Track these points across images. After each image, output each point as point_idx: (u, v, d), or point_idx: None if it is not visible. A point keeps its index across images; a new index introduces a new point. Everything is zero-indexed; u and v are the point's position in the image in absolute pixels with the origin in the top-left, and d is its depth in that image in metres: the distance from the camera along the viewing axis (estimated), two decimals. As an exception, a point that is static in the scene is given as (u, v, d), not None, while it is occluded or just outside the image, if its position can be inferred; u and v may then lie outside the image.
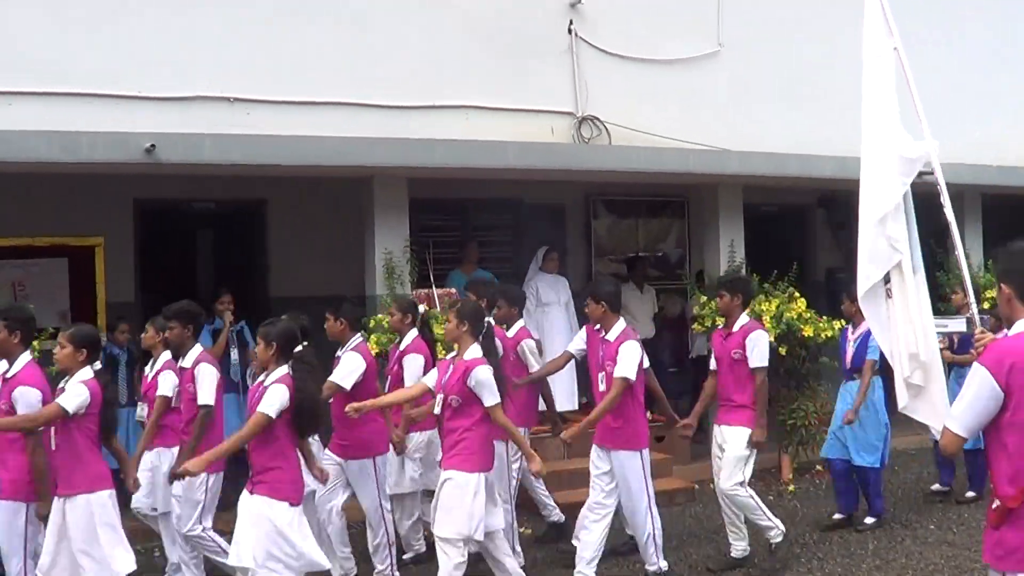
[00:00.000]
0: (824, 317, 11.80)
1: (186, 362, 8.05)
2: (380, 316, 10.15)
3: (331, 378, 8.05)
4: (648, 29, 12.40)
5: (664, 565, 8.21)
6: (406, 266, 10.70)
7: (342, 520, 8.38)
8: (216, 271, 13.89)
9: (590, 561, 8.01)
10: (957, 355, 9.88)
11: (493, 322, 8.45)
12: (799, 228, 15.72)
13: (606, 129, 11.84)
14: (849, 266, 15.56)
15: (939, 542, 9.20)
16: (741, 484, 8.47)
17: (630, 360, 7.98)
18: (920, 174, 7.15)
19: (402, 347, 8.80)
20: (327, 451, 8.37)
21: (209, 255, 14.43)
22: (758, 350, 8.52)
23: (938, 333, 6.86)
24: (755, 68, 12.84)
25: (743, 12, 12.79)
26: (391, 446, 8.48)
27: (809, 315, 11.72)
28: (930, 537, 9.40)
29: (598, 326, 8.32)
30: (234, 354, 10.94)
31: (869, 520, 9.72)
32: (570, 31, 11.91)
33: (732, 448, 8.50)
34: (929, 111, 6.49)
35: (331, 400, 8.07)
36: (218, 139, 9.57)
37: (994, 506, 4.57)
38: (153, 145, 9.20)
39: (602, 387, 8.15)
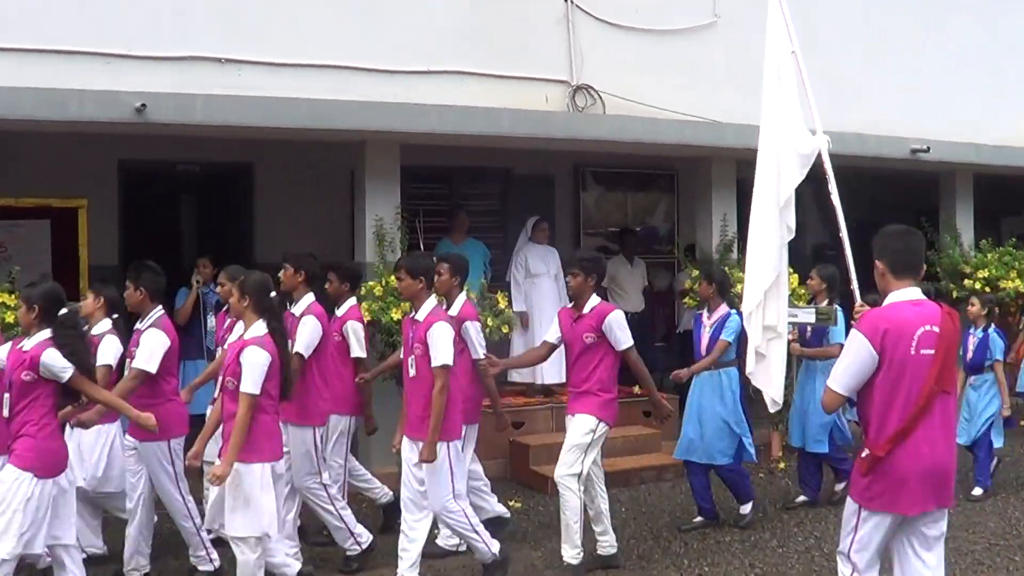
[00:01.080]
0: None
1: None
2: (371, 283, 9.98)
3: (135, 363, 7.38)
4: (644, -1, 12.25)
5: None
6: (397, 233, 10.51)
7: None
8: (200, 235, 13.66)
9: (413, 564, 7.37)
10: (807, 348, 9.56)
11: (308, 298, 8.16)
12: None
13: (600, 98, 11.67)
14: (834, 243, 15.66)
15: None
16: (576, 477, 7.73)
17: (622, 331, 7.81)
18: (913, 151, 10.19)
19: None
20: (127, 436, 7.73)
21: (193, 219, 14.19)
22: (621, 332, 7.82)
23: (789, 323, 7.92)
24: (751, 40, 12.66)
25: (739, -18, 12.63)
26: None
27: (803, 291, 11.63)
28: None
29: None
30: (210, 321, 10.75)
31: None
32: (566, -1, 11.75)
33: (572, 435, 7.84)
34: (923, 92, 6.54)
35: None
36: (210, 100, 9.34)
37: (863, 455, 5.29)
38: (144, 104, 8.98)
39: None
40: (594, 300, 7.93)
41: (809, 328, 9.42)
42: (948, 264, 13.28)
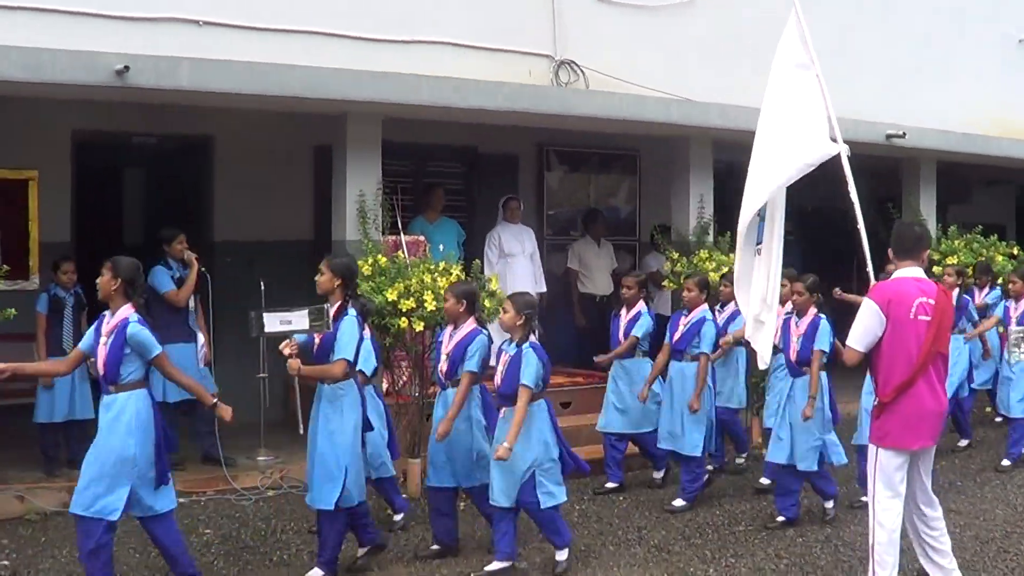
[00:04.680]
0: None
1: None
2: (359, 261, 9.45)
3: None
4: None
5: None
6: (378, 210, 10.01)
7: None
8: (155, 211, 12.91)
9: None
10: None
11: None
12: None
13: (583, 74, 11.30)
14: (799, 227, 15.54)
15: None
16: None
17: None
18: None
19: None
20: None
21: (149, 193, 13.42)
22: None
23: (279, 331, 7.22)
24: (733, 19, 12.46)
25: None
26: None
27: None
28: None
29: None
30: (191, 302, 10.11)
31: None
32: (551, -29, 11.35)
33: None
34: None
35: None
36: (197, 64, 8.71)
37: (875, 403, 6.54)
38: (127, 67, 8.33)
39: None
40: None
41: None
42: (916, 251, 13.22)
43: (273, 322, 7.22)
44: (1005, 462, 10.63)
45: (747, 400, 10.65)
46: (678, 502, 9.17)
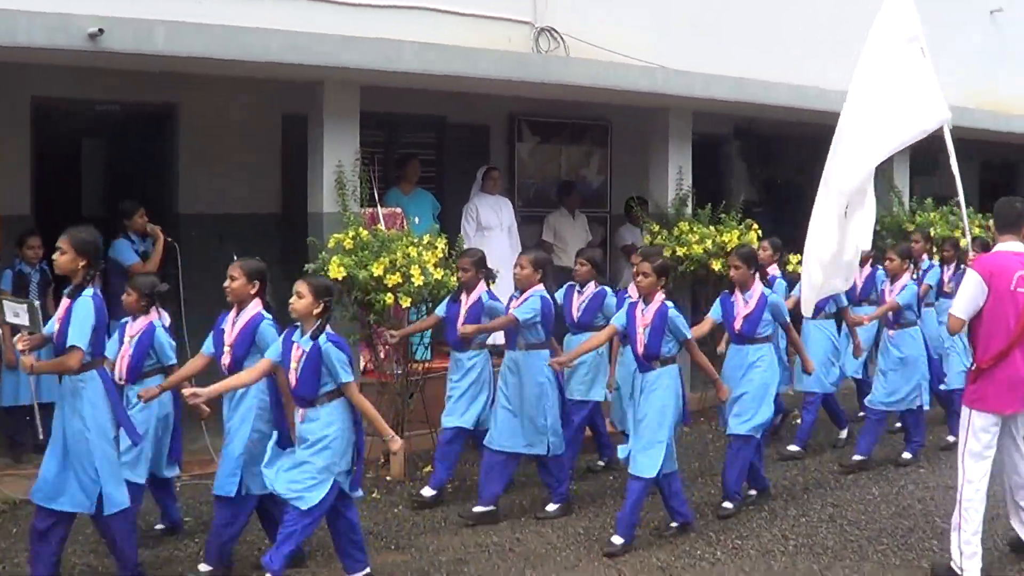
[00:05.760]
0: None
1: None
2: (339, 235, 9.13)
3: None
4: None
5: None
6: (357, 181, 9.65)
7: None
8: (117, 183, 12.37)
9: None
10: None
11: None
12: (714, 158, 15.21)
13: (563, 41, 11.00)
14: (767, 199, 15.40)
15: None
16: None
17: None
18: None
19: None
20: None
21: (110, 164, 12.87)
22: None
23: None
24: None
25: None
26: None
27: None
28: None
29: None
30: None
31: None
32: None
33: None
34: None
35: None
36: (175, 28, 8.28)
37: (972, 367, 6.85)
38: (101, 30, 7.89)
39: None
40: None
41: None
42: (892, 222, 13.10)
43: (10, 312, 6.54)
44: (950, 438, 9.94)
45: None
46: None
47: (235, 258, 9.23)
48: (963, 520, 6.72)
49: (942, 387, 10.11)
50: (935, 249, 11.78)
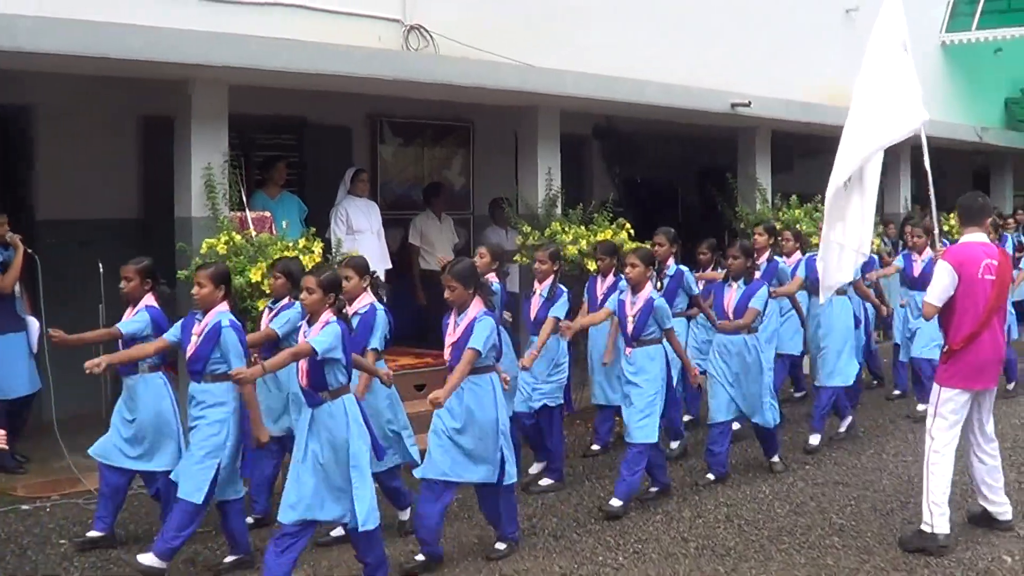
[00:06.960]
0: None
1: None
2: (212, 240, 8.75)
3: None
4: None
5: None
6: (226, 184, 9.27)
7: None
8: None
9: None
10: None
11: None
12: (576, 158, 15.19)
13: (432, 39, 10.79)
14: (628, 199, 15.45)
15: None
16: None
17: None
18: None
19: None
20: None
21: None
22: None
23: None
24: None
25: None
26: None
27: (635, 245, 11.23)
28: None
29: None
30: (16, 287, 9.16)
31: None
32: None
33: None
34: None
35: None
36: (37, 23, 7.77)
37: (945, 350, 7.43)
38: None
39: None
40: None
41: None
42: (755, 220, 13.25)
43: None
44: (920, 407, 10.60)
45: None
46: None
47: (99, 265, 8.96)
48: (932, 483, 7.28)
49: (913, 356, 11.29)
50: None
